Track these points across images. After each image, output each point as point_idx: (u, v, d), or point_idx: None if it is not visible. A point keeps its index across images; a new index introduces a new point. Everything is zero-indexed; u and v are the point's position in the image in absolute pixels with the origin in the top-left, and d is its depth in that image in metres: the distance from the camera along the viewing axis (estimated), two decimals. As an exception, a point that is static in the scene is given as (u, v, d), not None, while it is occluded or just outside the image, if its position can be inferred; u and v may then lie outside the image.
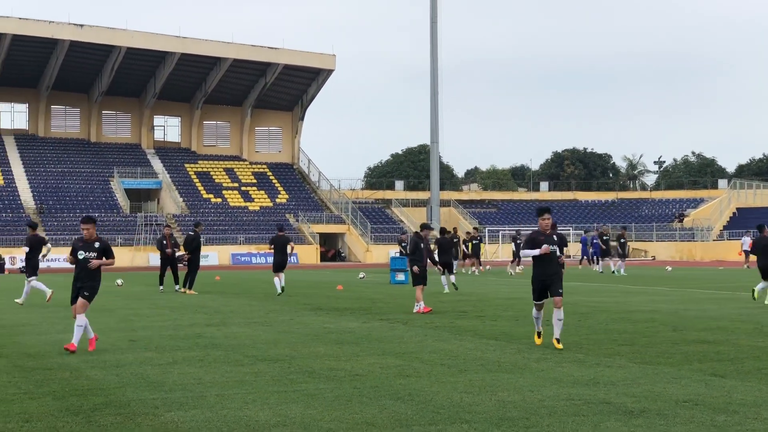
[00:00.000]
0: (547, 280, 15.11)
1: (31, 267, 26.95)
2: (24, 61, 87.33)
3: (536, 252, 15.05)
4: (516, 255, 47.65)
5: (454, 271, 32.94)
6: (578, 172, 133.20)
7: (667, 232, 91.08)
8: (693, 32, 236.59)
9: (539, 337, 15.51)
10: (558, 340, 14.93)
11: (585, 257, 56.64)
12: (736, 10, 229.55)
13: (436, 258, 27.46)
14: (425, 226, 24.29)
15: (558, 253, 15.20)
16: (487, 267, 52.16)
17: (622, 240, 47.64)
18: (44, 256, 27.92)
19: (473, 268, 48.60)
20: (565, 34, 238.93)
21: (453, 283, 31.66)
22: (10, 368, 13.05)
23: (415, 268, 22.92)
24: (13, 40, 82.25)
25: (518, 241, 48.16)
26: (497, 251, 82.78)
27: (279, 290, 30.20)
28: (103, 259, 15.28)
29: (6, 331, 18.49)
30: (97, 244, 15.33)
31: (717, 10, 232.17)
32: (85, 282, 15.22)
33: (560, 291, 15.09)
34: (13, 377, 12.22)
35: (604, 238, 48.73)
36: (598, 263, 50.06)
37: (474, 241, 48.63)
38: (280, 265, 30.88)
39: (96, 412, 9.79)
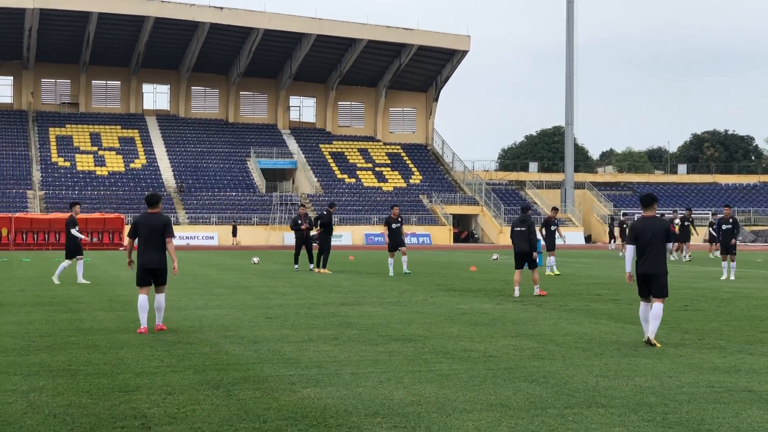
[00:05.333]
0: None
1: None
2: (165, 43, 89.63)
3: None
4: (624, 238, 45.32)
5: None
6: (718, 155, 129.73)
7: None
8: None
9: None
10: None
11: None
12: None
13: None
14: (526, 207, 22.94)
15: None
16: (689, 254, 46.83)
17: None
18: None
19: (676, 253, 44.55)
20: (705, 12, 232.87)
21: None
22: (152, 342, 13.43)
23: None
24: (156, 23, 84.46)
25: (625, 226, 45.89)
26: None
27: (391, 272, 30.40)
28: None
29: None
30: None
31: None
32: None
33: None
34: (156, 351, 12.57)
35: None
36: None
37: (686, 223, 44.33)
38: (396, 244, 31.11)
39: (235, 387, 10.01)
